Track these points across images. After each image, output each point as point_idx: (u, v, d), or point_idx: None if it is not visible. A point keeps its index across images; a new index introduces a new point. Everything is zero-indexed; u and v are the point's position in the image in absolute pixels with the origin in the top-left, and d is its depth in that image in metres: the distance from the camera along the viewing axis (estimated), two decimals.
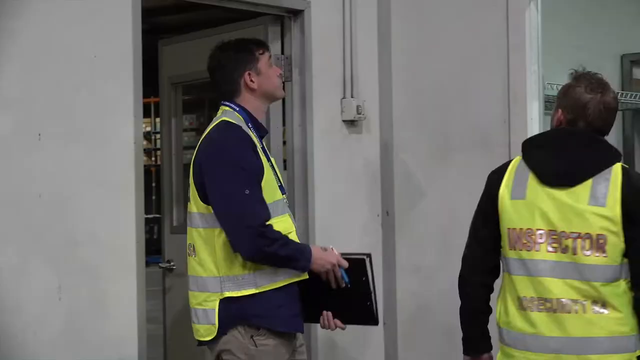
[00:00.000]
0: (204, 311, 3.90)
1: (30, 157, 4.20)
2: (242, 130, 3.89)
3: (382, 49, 5.75)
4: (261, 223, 3.75)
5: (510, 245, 3.59)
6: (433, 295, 5.57)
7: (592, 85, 3.60)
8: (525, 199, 3.56)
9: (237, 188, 3.77)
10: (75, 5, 4.33)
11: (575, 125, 3.59)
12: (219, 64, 4.05)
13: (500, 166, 3.72)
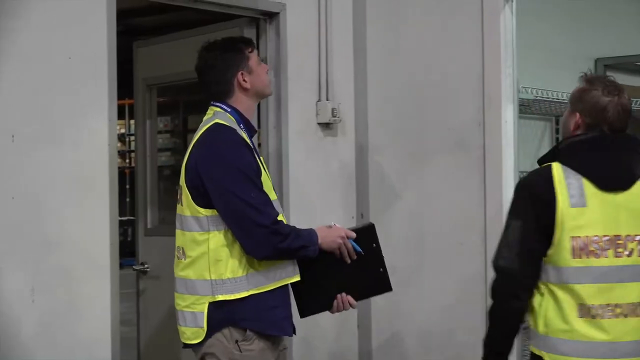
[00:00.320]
0: (192, 314, 3.88)
1: (4, 159, 4.18)
2: (236, 133, 3.87)
3: (358, 51, 5.76)
4: (273, 221, 3.76)
5: (574, 255, 3.51)
6: (408, 298, 5.58)
7: (609, 88, 3.62)
8: (587, 206, 3.51)
9: (243, 192, 3.77)
10: (49, 7, 4.32)
11: (595, 129, 3.61)
12: (209, 64, 4.02)
13: (541, 174, 3.59)
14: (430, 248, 5.47)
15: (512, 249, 3.53)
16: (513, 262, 3.52)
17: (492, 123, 5.27)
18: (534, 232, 3.52)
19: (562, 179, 3.51)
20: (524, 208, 3.56)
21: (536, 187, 3.56)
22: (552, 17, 6.34)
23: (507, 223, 3.57)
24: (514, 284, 3.55)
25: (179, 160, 6.16)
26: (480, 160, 5.32)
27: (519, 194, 3.62)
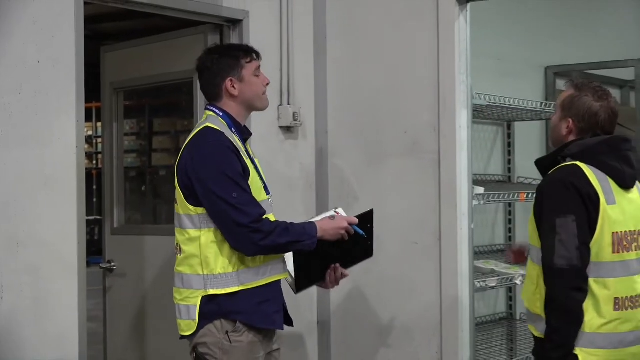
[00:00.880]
0: (186, 307, 3.94)
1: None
2: (224, 136, 3.90)
3: (318, 58, 5.76)
4: (253, 220, 3.79)
5: (614, 250, 3.58)
6: (365, 296, 5.60)
7: (599, 93, 3.71)
8: (616, 204, 3.60)
9: (225, 192, 3.81)
10: (18, 12, 4.29)
11: (588, 133, 3.67)
12: (205, 66, 4.05)
13: (575, 174, 3.61)
14: (386, 247, 5.47)
15: (570, 246, 3.52)
16: (573, 258, 3.52)
17: (446, 128, 5.29)
18: (585, 225, 3.55)
19: (595, 179, 3.58)
20: (574, 204, 3.55)
21: (580, 185, 3.56)
22: (504, 27, 6.38)
23: (551, 222, 3.56)
24: (578, 278, 3.55)
25: (144, 161, 6.15)
26: (435, 163, 5.33)
27: (561, 191, 3.59)
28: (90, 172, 17.53)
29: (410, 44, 5.44)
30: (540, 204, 3.67)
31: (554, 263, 3.53)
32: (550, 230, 3.55)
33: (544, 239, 3.58)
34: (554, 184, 3.64)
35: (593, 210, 3.55)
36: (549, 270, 3.56)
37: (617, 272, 3.61)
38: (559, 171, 3.68)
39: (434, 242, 5.32)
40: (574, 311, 3.55)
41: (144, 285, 5.74)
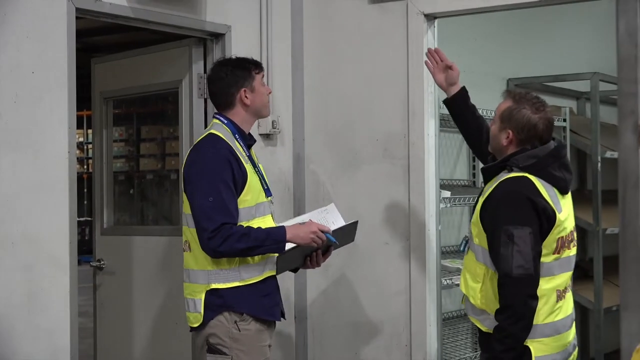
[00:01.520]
0: (192, 300, 3.98)
1: None
2: (223, 142, 3.95)
3: (295, 70, 5.76)
4: (214, 227, 3.81)
5: (555, 251, 3.62)
6: (340, 292, 5.60)
7: (536, 105, 3.70)
8: (562, 210, 3.63)
9: (201, 196, 3.87)
10: (14, 25, 4.28)
11: (527, 143, 3.68)
12: (219, 76, 4.10)
13: (527, 186, 3.61)
14: (359, 247, 5.48)
15: (527, 256, 3.52)
16: (530, 268, 3.52)
17: (415, 136, 5.30)
18: (539, 238, 3.56)
19: (544, 190, 3.60)
20: (530, 217, 3.55)
21: (535, 199, 3.57)
22: (470, 42, 6.41)
23: (509, 233, 3.53)
24: (533, 286, 3.57)
25: (132, 166, 6.14)
26: (405, 168, 5.34)
27: (518, 204, 3.58)
28: (81, 176, 17.47)
29: (381, 57, 5.46)
30: (492, 213, 3.64)
31: (512, 272, 3.52)
32: (507, 240, 3.53)
33: (501, 248, 3.56)
34: (510, 196, 3.62)
35: (546, 221, 3.57)
36: (507, 279, 3.55)
37: (558, 270, 3.67)
38: (511, 183, 3.65)
39: (404, 242, 5.33)
40: (529, 317, 3.57)
41: (131, 282, 5.73)
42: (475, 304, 3.75)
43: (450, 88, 4.39)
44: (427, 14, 5.29)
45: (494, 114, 3.85)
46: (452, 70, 4.39)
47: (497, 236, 3.58)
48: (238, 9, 5.44)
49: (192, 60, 5.41)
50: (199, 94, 5.38)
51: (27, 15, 4.34)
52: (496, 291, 3.63)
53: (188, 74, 5.43)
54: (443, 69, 4.40)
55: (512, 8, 5.27)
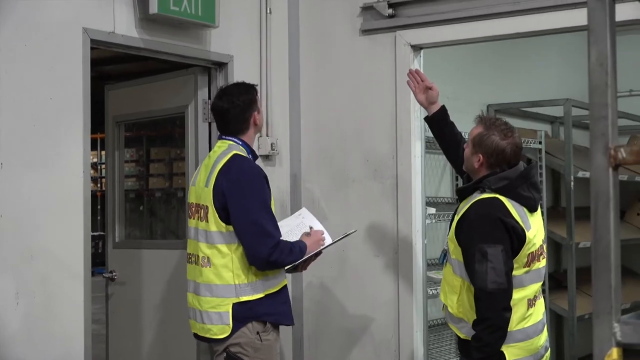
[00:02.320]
0: (217, 314, 3.95)
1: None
2: (258, 166, 4.04)
3: (293, 96, 5.77)
4: (274, 242, 3.88)
5: (526, 265, 3.61)
6: (333, 302, 5.59)
7: (505, 131, 3.70)
8: (531, 228, 3.62)
9: (257, 215, 3.89)
10: (34, 54, 4.28)
11: (497, 167, 3.68)
12: (234, 104, 4.09)
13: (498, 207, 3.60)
14: (351, 260, 5.48)
15: (500, 272, 3.51)
16: (503, 283, 3.51)
17: (403, 157, 5.31)
18: (510, 254, 3.55)
19: (514, 210, 3.59)
20: (502, 236, 3.54)
21: (505, 219, 3.56)
22: (453, 70, 6.42)
23: (483, 251, 3.52)
24: (507, 299, 3.56)
25: (142, 185, 6.13)
26: (394, 187, 5.34)
27: (490, 225, 3.57)
28: (95, 194, 17.42)
29: (372, 84, 5.47)
30: (467, 233, 3.64)
31: (487, 287, 3.51)
32: (482, 258, 3.52)
33: (476, 265, 3.55)
34: (483, 217, 3.61)
35: (516, 239, 3.56)
36: (482, 293, 3.54)
37: (528, 281, 3.66)
38: (483, 205, 3.64)
39: (393, 255, 5.33)
40: (504, 327, 3.57)
41: (141, 292, 5.71)
42: (454, 313, 3.75)
43: (431, 107, 4.41)
44: (413, 45, 5.30)
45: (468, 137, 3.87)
46: (432, 90, 4.40)
47: (472, 254, 3.58)
48: (240, 40, 5.45)
49: (197, 87, 5.41)
50: (203, 118, 5.38)
51: (46, 45, 4.35)
52: (472, 302, 3.63)
53: (194, 100, 5.43)
54: (424, 90, 4.41)
55: (491, 40, 5.29)
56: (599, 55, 1.62)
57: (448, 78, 6.23)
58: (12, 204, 4.18)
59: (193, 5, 4.88)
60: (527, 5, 4.90)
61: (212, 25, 5.08)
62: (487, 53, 6.67)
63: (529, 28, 4.98)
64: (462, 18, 5.12)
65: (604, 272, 1.63)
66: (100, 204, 15.53)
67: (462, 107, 6.19)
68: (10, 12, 4.20)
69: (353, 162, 5.54)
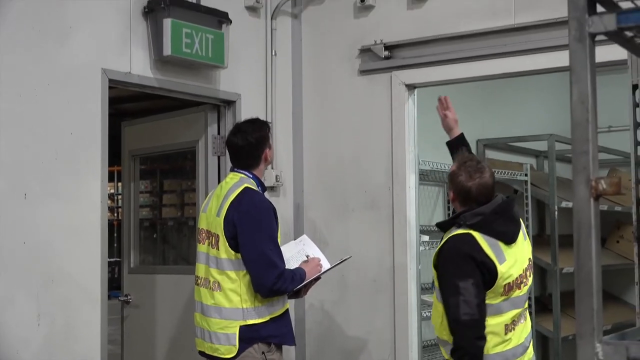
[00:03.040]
0: (225, 335, 3.94)
1: (18, 212, 4.11)
2: (267, 199, 4.04)
3: (296, 131, 5.78)
4: (279, 272, 3.88)
5: (503, 294, 3.57)
6: (333, 323, 5.57)
7: (471, 172, 3.64)
8: (507, 260, 3.56)
9: (264, 246, 3.88)
10: (56, 93, 4.30)
11: (466, 204, 3.65)
12: (248, 141, 4.08)
13: (469, 242, 3.55)
14: (351, 284, 5.46)
15: (472, 304, 3.47)
16: (475, 314, 3.47)
17: (398, 188, 5.31)
18: (481, 287, 3.51)
19: (487, 245, 3.55)
20: (471, 271, 3.50)
21: (475, 254, 3.51)
22: None
23: (455, 284, 3.49)
24: (480, 329, 3.51)
25: (156, 214, 6.12)
26: (390, 216, 5.34)
27: (460, 261, 3.53)
28: (112, 222, 17.36)
29: (369, 120, 5.48)
30: (441, 267, 3.61)
31: (460, 318, 3.48)
32: (454, 291, 3.49)
33: (450, 297, 3.52)
34: (453, 254, 3.57)
35: (487, 273, 3.51)
36: (456, 324, 3.51)
37: (507, 308, 3.61)
38: (457, 241, 3.60)
39: (389, 279, 5.31)
40: (477, 355, 3.53)
41: (154, 314, 5.69)
42: (440, 335, 3.73)
43: (450, 133, 4.45)
44: (407, 84, 5.32)
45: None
46: (446, 118, 4.46)
47: (446, 287, 3.55)
48: (247, 80, 5.47)
49: (207, 123, 5.42)
50: (213, 152, 5.39)
51: (68, 84, 4.36)
52: None
53: (204, 135, 5.44)
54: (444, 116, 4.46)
55: (480, 79, 5.31)
56: (580, 94, 1.62)
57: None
58: (34, 231, 4.18)
59: (204, 47, 4.90)
60: (514, 48, 4.92)
61: (221, 66, 5.10)
62: (476, 92, 6.68)
63: (515, 69, 5.00)
64: (453, 59, 5.14)
65: (586, 296, 1.63)
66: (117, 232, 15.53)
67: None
68: (37, 54, 4.22)
69: (352, 193, 5.54)
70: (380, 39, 5.38)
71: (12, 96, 4.12)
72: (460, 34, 5.11)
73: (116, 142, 5.79)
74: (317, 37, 5.74)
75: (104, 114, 4.53)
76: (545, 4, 4.79)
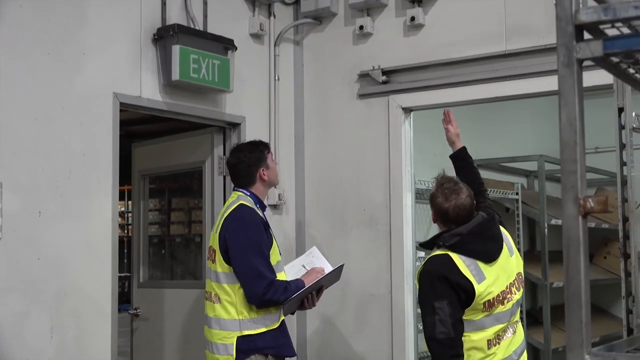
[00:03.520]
0: (224, 345, 3.93)
1: (33, 229, 4.11)
2: (256, 214, 3.99)
3: (298, 152, 5.79)
4: (268, 282, 3.85)
5: (484, 310, 3.51)
6: (333, 335, 5.55)
7: (447, 194, 3.59)
8: (486, 278, 3.50)
9: (251, 258, 3.87)
10: (70, 115, 4.31)
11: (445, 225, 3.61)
12: (240, 161, 4.10)
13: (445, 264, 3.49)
14: (350, 297, 5.45)
15: (447, 323, 3.41)
16: (450, 332, 3.41)
17: (395, 206, 5.31)
18: (457, 306, 3.45)
19: (464, 266, 3.49)
20: (446, 291, 3.44)
21: (450, 276, 3.45)
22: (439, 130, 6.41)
23: (431, 304, 3.43)
24: (456, 346, 3.45)
25: (164, 231, 6.12)
26: (387, 233, 5.33)
27: (436, 282, 3.47)
28: (122, 239, 17.36)
29: (367, 142, 5.48)
30: (420, 288, 3.54)
31: (436, 337, 3.42)
32: (430, 311, 3.44)
33: (426, 316, 3.48)
34: (429, 275, 3.51)
35: (462, 293, 3.45)
36: (433, 342, 3.45)
37: (489, 324, 3.55)
38: (433, 263, 3.55)
39: (387, 293, 5.30)
40: None
41: (162, 327, 5.68)
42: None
43: (452, 146, 4.39)
44: (404, 107, 5.34)
45: None
46: (447, 131, 4.42)
47: (423, 307, 3.51)
48: (251, 103, 5.48)
49: (213, 144, 5.43)
50: (219, 172, 5.39)
51: (81, 108, 4.37)
52: None
53: (210, 156, 5.44)
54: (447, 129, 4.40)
55: (473, 103, 5.32)
56: (568, 117, 1.62)
57: (435, 137, 6.21)
58: (48, 248, 4.18)
59: (210, 72, 4.91)
60: (505, 73, 4.94)
61: (226, 90, 5.11)
62: (469, 114, 6.68)
63: (507, 93, 5.02)
64: (447, 84, 5.16)
65: (575, 309, 1.62)
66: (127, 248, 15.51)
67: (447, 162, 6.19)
68: (52, 79, 4.23)
69: (351, 211, 5.53)
70: (378, 64, 5.40)
71: (29, 119, 4.13)
72: (454, 60, 5.13)
73: (127, 163, 5.79)
74: (318, 62, 5.76)
75: (115, 135, 4.53)
76: (534, 31, 4.80)
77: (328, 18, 5.69)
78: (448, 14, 5.19)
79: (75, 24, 4.38)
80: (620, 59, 1.75)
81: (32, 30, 4.16)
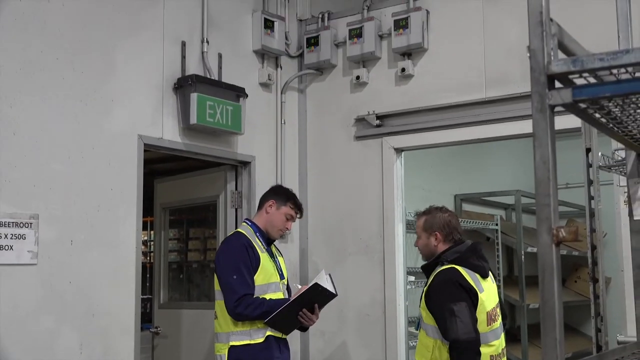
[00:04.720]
0: (220, 356, 3.93)
1: (65, 256, 4.10)
2: (243, 236, 3.97)
3: (301, 187, 5.78)
4: (238, 297, 3.80)
5: (488, 323, 3.51)
6: (333, 352, 5.51)
7: (438, 209, 3.75)
8: (484, 290, 3.55)
9: (228, 275, 3.87)
10: (98, 155, 4.31)
11: (450, 236, 3.64)
12: (272, 189, 4.20)
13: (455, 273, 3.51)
14: (348, 317, 5.41)
15: (468, 324, 3.40)
16: (472, 332, 3.40)
17: (388, 235, 5.29)
18: (473, 310, 3.46)
19: (468, 276, 3.53)
20: (462, 295, 3.45)
21: (462, 282, 3.49)
22: (427, 168, 6.44)
23: (450, 308, 3.41)
24: (477, 346, 3.44)
25: (183, 258, 6.10)
26: (381, 259, 5.31)
27: (451, 287, 3.47)
28: (145, 265, 17.28)
29: (363, 178, 5.48)
30: (435, 297, 3.52)
31: (460, 338, 3.39)
32: (450, 315, 3.42)
33: (447, 322, 3.43)
34: (445, 283, 3.52)
35: (473, 298, 3.48)
36: (457, 344, 3.40)
37: (492, 338, 3.55)
38: (444, 273, 3.56)
39: (380, 314, 5.27)
40: None
41: (180, 344, 5.63)
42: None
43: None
44: (396, 148, 5.34)
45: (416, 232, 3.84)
46: None
47: (443, 313, 3.46)
48: (260, 144, 5.49)
49: (227, 181, 5.43)
50: (231, 205, 5.38)
51: (109, 148, 4.38)
52: (444, 356, 3.50)
53: (224, 191, 5.44)
54: None
55: (458, 144, 5.33)
56: (542, 156, 1.62)
57: (423, 174, 6.26)
58: (78, 272, 4.16)
59: (224, 117, 4.93)
60: (485, 118, 4.95)
61: (238, 132, 5.12)
62: (454, 154, 6.71)
63: (487, 135, 5.03)
64: (434, 127, 5.17)
65: (550, 328, 1.61)
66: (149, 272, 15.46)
67: (435, 196, 6.20)
68: (84, 123, 4.25)
69: (349, 240, 5.52)
70: (372, 109, 5.42)
71: (63, 159, 4.14)
72: (440, 106, 5.15)
73: (149, 196, 5.80)
74: (320, 108, 5.78)
75: (139, 173, 4.54)
76: (511, 80, 4.83)
77: (328, 69, 5.73)
78: (435, 66, 5.22)
79: (104, 74, 4.40)
80: (587, 105, 1.76)
81: (68, 80, 4.19)
